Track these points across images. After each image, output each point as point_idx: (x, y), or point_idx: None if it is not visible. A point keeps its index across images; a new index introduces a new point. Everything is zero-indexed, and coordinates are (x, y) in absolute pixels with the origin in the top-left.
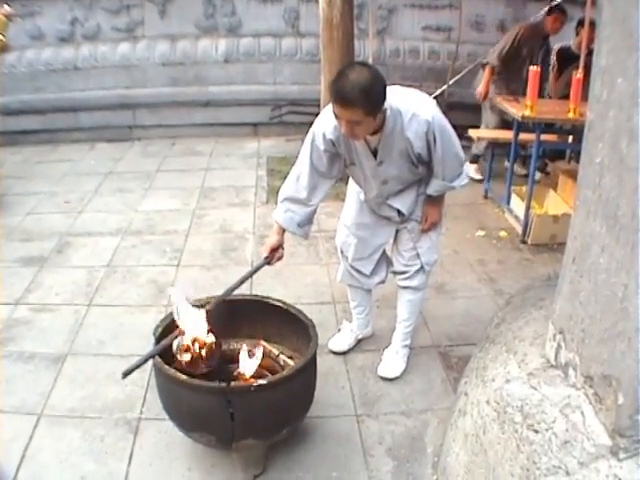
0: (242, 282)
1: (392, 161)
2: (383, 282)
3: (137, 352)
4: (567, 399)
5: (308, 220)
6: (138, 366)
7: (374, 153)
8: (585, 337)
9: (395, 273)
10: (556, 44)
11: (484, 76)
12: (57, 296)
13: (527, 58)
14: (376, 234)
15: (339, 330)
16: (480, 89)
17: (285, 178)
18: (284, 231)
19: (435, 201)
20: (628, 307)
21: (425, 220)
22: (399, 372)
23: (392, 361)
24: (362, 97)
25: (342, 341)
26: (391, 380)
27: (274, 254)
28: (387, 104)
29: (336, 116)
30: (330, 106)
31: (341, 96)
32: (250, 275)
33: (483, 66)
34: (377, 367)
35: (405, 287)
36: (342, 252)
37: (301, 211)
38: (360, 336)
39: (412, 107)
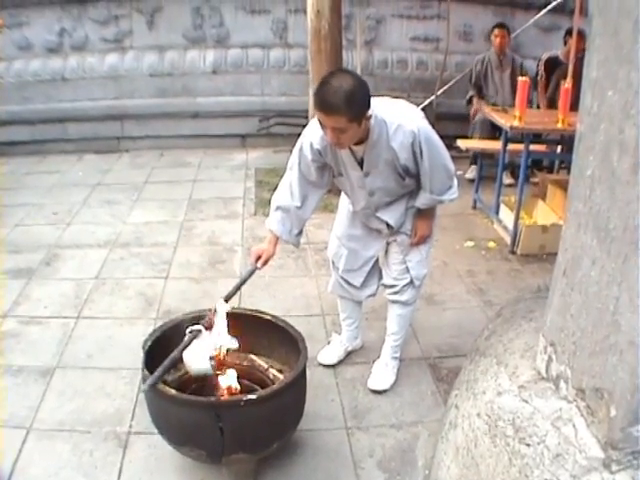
0: (234, 292)
1: (378, 172)
2: (373, 295)
3: (126, 365)
4: (559, 412)
5: (301, 228)
6: (162, 374)
7: (360, 164)
8: (576, 350)
9: (385, 286)
10: (544, 54)
11: (474, 101)
12: (45, 309)
13: (496, 79)
14: (367, 246)
15: (328, 343)
16: (475, 107)
17: (274, 190)
18: (277, 240)
19: (425, 214)
20: (620, 320)
21: (415, 234)
22: (389, 385)
23: (382, 374)
24: (345, 103)
25: (331, 354)
26: (381, 393)
27: (266, 263)
28: (372, 113)
29: (321, 124)
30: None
31: (324, 103)
32: (242, 284)
33: (469, 102)
34: (367, 380)
35: (394, 301)
36: (333, 263)
37: (295, 220)
38: (350, 348)
39: (397, 118)
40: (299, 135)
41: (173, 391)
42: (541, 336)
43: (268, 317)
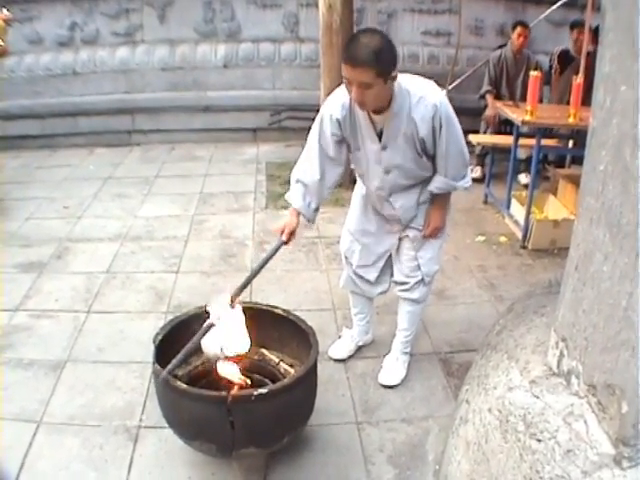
0: (258, 272)
1: (396, 147)
2: (385, 292)
3: (136, 359)
4: (570, 408)
5: (319, 204)
6: (180, 364)
7: (379, 136)
8: (588, 345)
9: (396, 283)
10: (557, 47)
11: (489, 102)
12: (56, 302)
13: (512, 77)
14: (379, 242)
15: (339, 337)
16: (488, 113)
17: (285, 184)
18: (298, 212)
19: (438, 204)
20: (632, 316)
21: (428, 225)
22: (399, 379)
23: (392, 368)
24: (373, 57)
25: (342, 348)
26: (391, 387)
27: (291, 237)
28: (397, 83)
29: (347, 82)
30: (340, 87)
31: (353, 56)
32: (267, 261)
33: (483, 97)
34: (377, 374)
35: (405, 299)
36: (346, 258)
37: (314, 194)
38: (360, 343)
39: (421, 90)
40: (310, 129)
41: (184, 385)
42: (552, 331)
43: (279, 311)
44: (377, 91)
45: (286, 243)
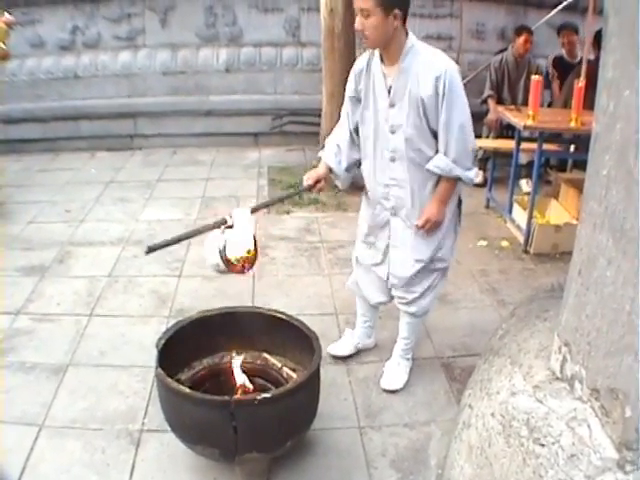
0: (280, 200)
1: (402, 106)
2: (385, 303)
3: (138, 363)
4: (573, 412)
5: (349, 163)
6: (167, 245)
7: (389, 92)
8: (591, 350)
9: (394, 296)
10: (551, 53)
11: (490, 107)
12: (58, 306)
13: (513, 81)
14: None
15: (340, 337)
16: (490, 117)
17: (287, 188)
18: (328, 169)
19: (438, 195)
20: (635, 320)
21: (422, 215)
22: (401, 384)
23: (394, 373)
24: None
25: (343, 346)
26: (394, 392)
27: (317, 184)
28: (410, 42)
29: (355, 12)
30: None
31: None
32: (289, 196)
33: (484, 101)
34: (380, 379)
35: (404, 311)
36: (357, 260)
37: (345, 155)
38: (360, 345)
39: (432, 54)
40: (311, 133)
41: (187, 389)
42: (556, 336)
43: (282, 316)
44: (376, 22)
45: (310, 189)
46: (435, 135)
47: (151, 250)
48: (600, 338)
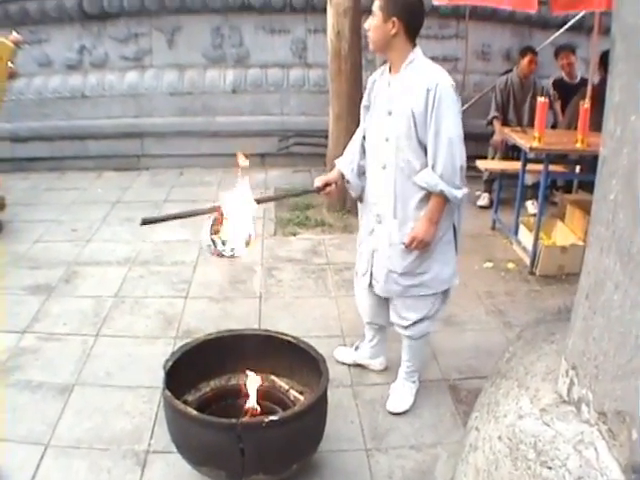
0: (285, 197)
1: (397, 115)
2: (377, 325)
3: (145, 384)
4: (580, 435)
5: (361, 175)
6: (162, 220)
7: (388, 100)
8: (598, 373)
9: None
10: (551, 76)
11: (496, 128)
12: (65, 325)
13: (519, 102)
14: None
15: (354, 346)
16: (495, 138)
17: (293, 210)
18: (343, 176)
19: (427, 214)
20: None
21: (411, 233)
22: (406, 406)
23: (399, 395)
24: None
25: (347, 354)
26: (399, 414)
27: (325, 187)
28: (414, 54)
29: None
30: None
31: None
32: (295, 195)
33: (490, 123)
34: (386, 401)
35: (402, 334)
36: (356, 272)
37: (356, 163)
38: (358, 361)
39: (431, 68)
40: (318, 155)
41: (194, 411)
42: (563, 359)
43: (289, 338)
44: (376, 24)
45: (318, 192)
46: (425, 149)
47: (145, 222)
48: (607, 362)
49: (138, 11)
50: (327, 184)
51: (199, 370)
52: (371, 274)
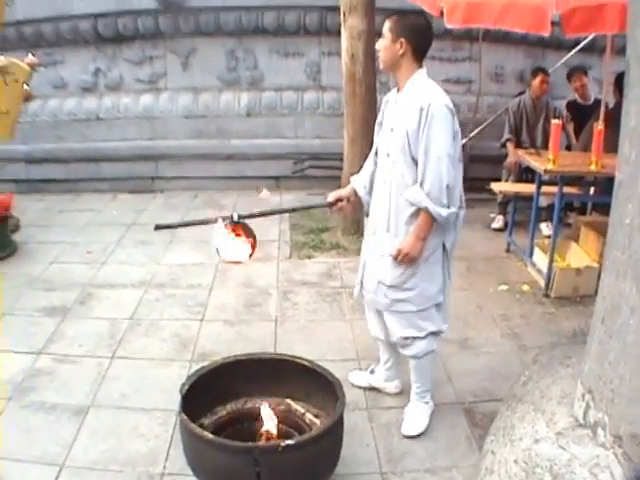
0: (292, 211)
1: (397, 131)
2: (382, 341)
3: (160, 406)
4: (596, 459)
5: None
6: (176, 227)
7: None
8: (614, 397)
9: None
10: (565, 98)
11: (509, 150)
12: (80, 347)
13: (532, 124)
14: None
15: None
16: (509, 160)
17: (308, 233)
18: (356, 193)
19: (415, 229)
20: None
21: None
22: (421, 429)
23: (412, 418)
24: (395, 15)
25: (364, 377)
26: (414, 437)
27: (337, 203)
28: (418, 75)
29: None
30: None
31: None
32: (304, 208)
33: (504, 145)
34: (401, 424)
35: (405, 355)
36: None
37: (369, 182)
38: (373, 383)
39: (428, 88)
40: (333, 177)
41: (211, 435)
42: (579, 383)
43: (305, 362)
44: (385, 45)
45: (330, 206)
46: (417, 165)
47: (158, 228)
48: (623, 385)
49: (153, 34)
50: (339, 199)
51: (215, 393)
52: (361, 284)
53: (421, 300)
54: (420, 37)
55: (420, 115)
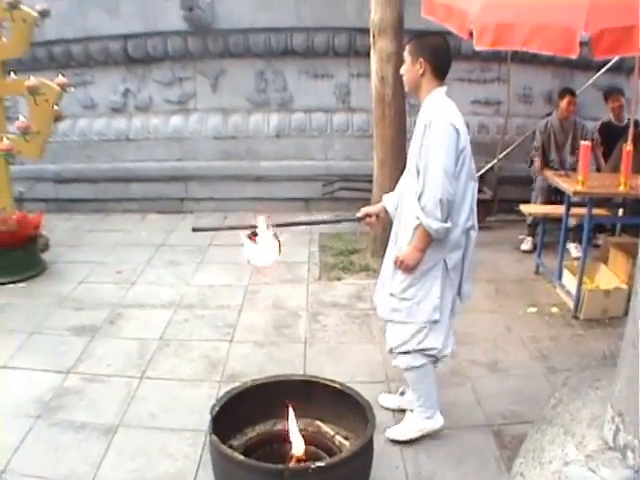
0: (321, 223)
1: (411, 148)
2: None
3: (189, 427)
4: None
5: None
6: (213, 229)
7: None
8: None
9: None
10: (597, 116)
11: (536, 162)
12: (109, 367)
13: (560, 145)
14: None
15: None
16: (536, 166)
17: (337, 255)
18: (386, 211)
19: (413, 241)
20: None
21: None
22: (402, 438)
23: (402, 424)
24: (415, 38)
25: (393, 399)
26: (395, 442)
27: (366, 218)
28: (434, 93)
29: None
30: None
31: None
32: (334, 221)
33: (531, 164)
34: (430, 447)
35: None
36: None
37: (399, 197)
38: (401, 406)
39: (436, 105)
40: (363, 200)
41: (241, 456)
42: (609, 406)
43: (336, 385)
44: (407, 67)
45: (359, 220)
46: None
47: (196, 230)
48: None
49: (182, 55)
50: (368, 215)
51: (245, 415)
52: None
53: (414, 313)
54: (438, 55)
55: (424, 131)
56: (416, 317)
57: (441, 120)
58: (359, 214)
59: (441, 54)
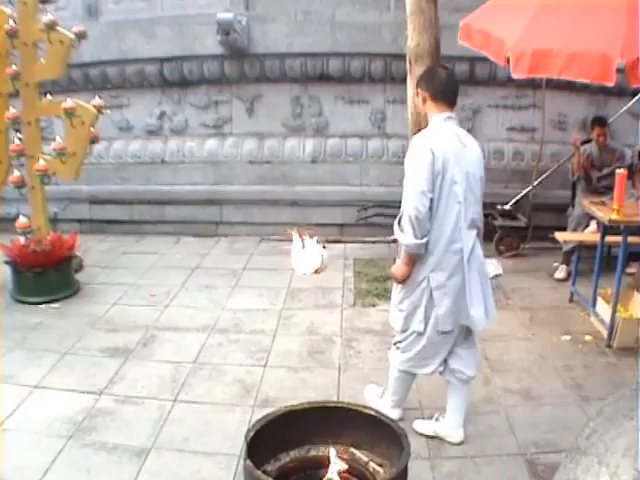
0: (362, 242)
1: None
2: (439, 372)
3: (222, 451)
4: None
5: None
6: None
7: None
8: None
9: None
10: (635, 144)
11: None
12: (142, 389)
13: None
14: None
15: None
16: (573, 160)
17: (372, 281)
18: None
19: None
20: None
21: None
22: (367, 396)
23: (377, 388)
24: (425, 70)
25: (428, 425)
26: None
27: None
28: (433, 120)
29: None
30: None
31: None
32: (370, 241)
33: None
34: (464, 475)
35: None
36: None
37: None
38: (449, 437)
39: (428, 130)
40: None
41: None
42: None
43: (371, 412)
44: (419, 97)
45: (394, 242)
46: None
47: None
48: None
49: (218, 79)
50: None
51: (279, 440)
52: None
53: (404, 322)
54: (434, 82)
55: (409, 154)
56: (405, 325)
57: (418, 143)
58: (394, 236)
59: (437, 81)
